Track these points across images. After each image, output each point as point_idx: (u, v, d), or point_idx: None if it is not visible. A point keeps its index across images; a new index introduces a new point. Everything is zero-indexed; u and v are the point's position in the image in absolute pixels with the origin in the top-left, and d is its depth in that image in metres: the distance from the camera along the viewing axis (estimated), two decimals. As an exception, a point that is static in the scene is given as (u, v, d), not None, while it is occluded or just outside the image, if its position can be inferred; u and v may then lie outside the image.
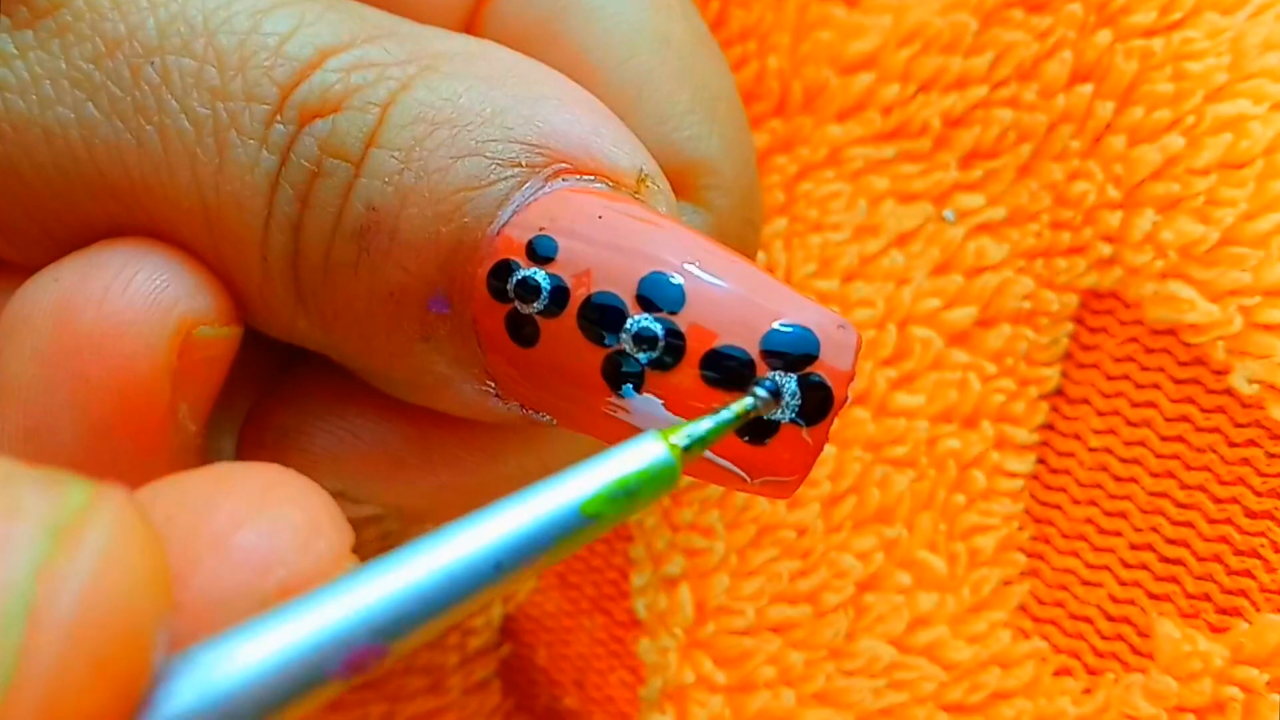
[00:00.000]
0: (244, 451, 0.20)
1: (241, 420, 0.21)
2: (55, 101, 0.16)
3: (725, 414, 0.15)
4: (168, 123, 0.16)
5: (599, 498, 0.13)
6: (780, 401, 0.15)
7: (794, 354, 0.15)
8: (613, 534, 0.27)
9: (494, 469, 0.20)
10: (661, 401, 0.15)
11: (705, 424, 0.14)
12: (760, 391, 0.15)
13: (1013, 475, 0.25)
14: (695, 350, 0.15)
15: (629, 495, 0.14)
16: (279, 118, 0.16)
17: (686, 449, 0.14)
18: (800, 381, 0.15)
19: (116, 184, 0.16)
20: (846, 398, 0.15)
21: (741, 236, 0.21)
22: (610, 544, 0.27)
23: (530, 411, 0.17)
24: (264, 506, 0.13)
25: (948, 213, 0.25)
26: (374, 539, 0.30)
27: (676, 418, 0.15)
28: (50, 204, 0.16)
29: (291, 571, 0.13)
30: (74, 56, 0.16)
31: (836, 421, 0.24)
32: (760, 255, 0.26)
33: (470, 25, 0.19)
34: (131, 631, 0.11)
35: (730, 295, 0.15)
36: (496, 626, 0.28)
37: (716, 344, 0.15)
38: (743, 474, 0.15)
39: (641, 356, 0.15)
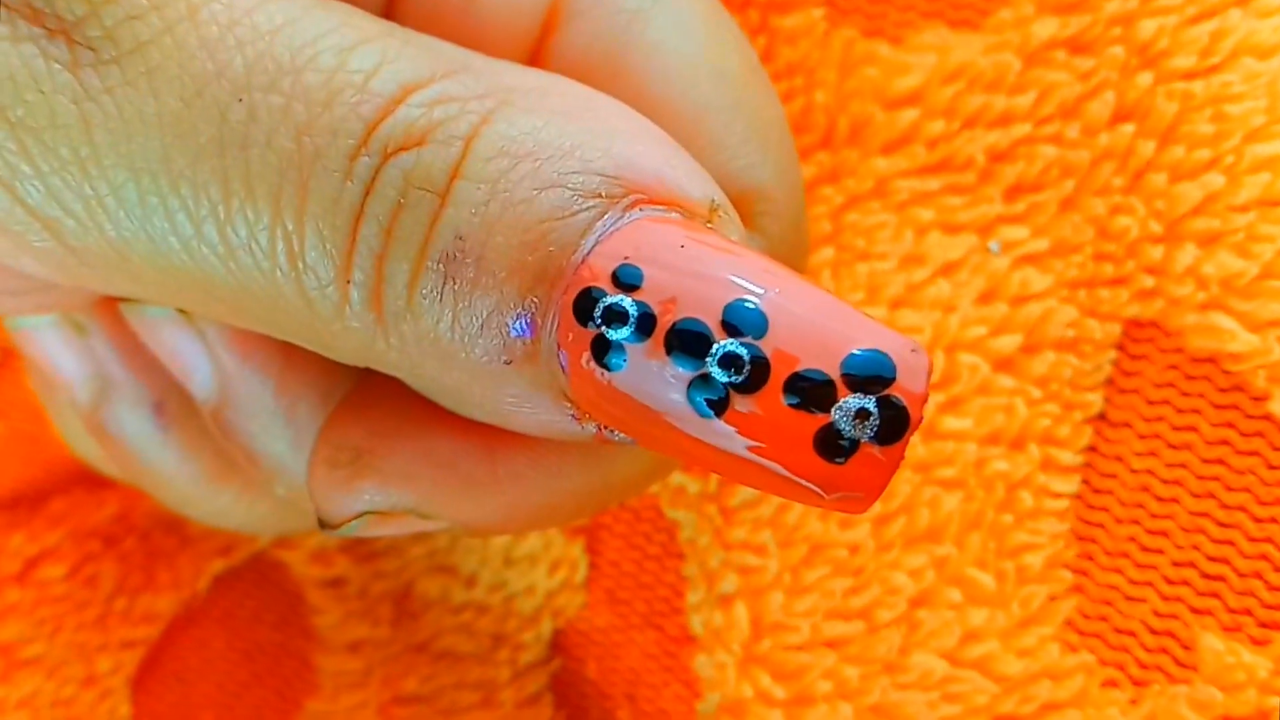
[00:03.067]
0: (317, 472, 0.21)
1: (313, 439, 0.22)
2: (143, 140, 0.16)
3: None
4: (253, 157, 0.16)
5: None
6: None
7: (871, 377, 0.16)
8: (663, 552, 0.27)
9: (559, 485, 0.21)
10: (736, 430, 0.16)
11: None
12: None
13: (1058, 496, 0.25)
14: (779, 374, 0.16)
15: None
16: (365, 151, 0.16)
17: None
18: (877, 403, 0.16)
19: (201, 221, 0.17)
20: (921, 418, 0.16)
21: (792, 261, 0.21)
22: (661, 562, 0.27)
23: (607, 431, 0.18)
24: None
25: (993, 244, 0.26)
26: (422, 556, 0.30)
27: (755, 441, 0.16)
28: (132, 239, 0.17)
29: None
30: (164, 95, 0.16)
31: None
32: (808, 283, 0.26)
33: (534, 58, 0.20)
34: None
35: (810, 322, 0.16)
36: (546, 641, 0.28)
37: (798, 368, 0.16)
38: (819, 490, 0.16)
39: (727, 380, 0.16)
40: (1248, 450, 0.24)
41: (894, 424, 0.16)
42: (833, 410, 0.16)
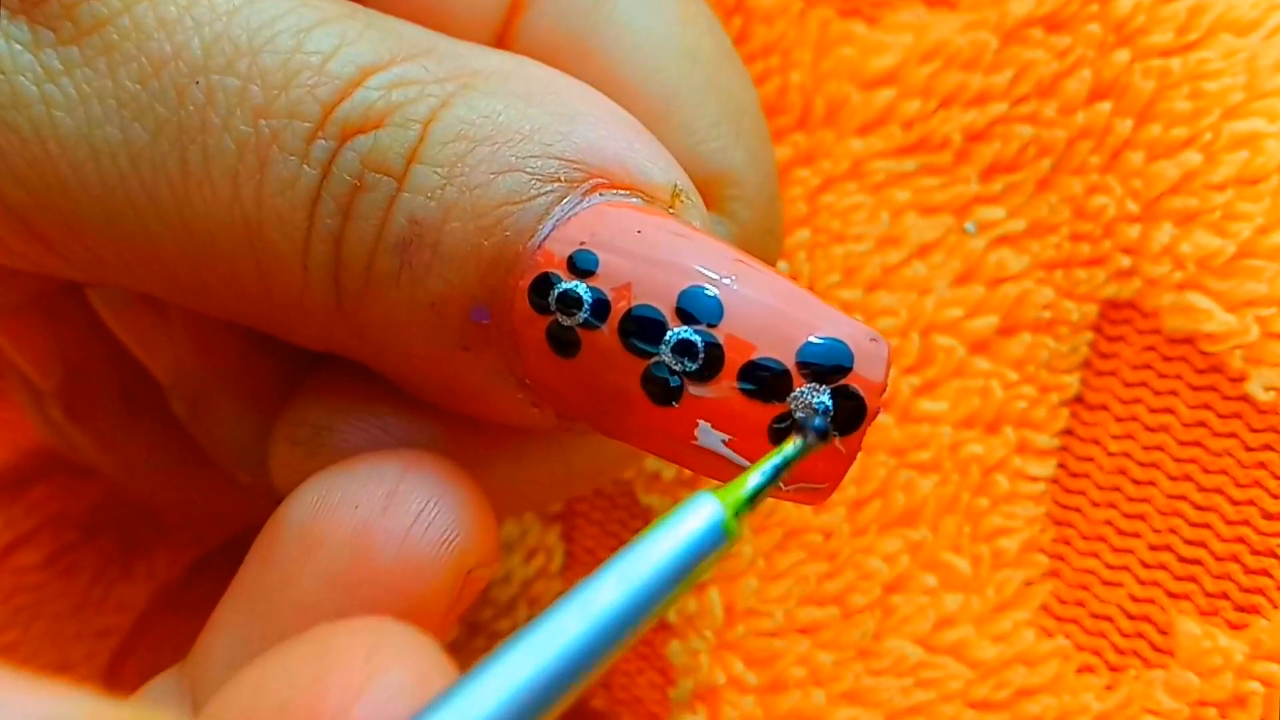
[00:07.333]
0: (278, 450, 0.21)
1: (273, 419, 0.21)
2: (103, 121, 0.16)
3: (777, 460, 0.15)
4: (210, 141, 0.16)
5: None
6: (828, 442, 0.15)
7: (828, 366, 0.16)
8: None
9: (519, 470, 0.21)
10: (690, 417, 0.16)
11: (756, 478, 0.15)
12: (810, 434, 0.15)
13: (1034, 479, 0.25)
14: (733, 362, 0.16)
15: (691, 578, 0.14)
16: (321, 134, 0.16)
17: (740, 511, 0.14)
18: (834, 393, 0.16)
19: (160, 201, 0.17)
20: (879, 409, 0.16)
21: (763, 246, 0.21)
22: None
23: (564, 420, 0.18)
24: (373, 673, 0.14)
25: (969, 225, 0.26)
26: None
27: (720, 434, 0.16)
28: (93, 222, 0.17)
29: None
30: (121, 76, 0.16)
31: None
32: (783, 265, 0.26)
33: (502, 39, 0.20)
34: None
35: (767, 309, 0.16)
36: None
37: (754, 356, 0.16)
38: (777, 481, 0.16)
39: (681, 367, 0.16)
40: (1225, 432, 0.23)
41: (851, 415, 0.16)
42: (789, 399, 0.16)
